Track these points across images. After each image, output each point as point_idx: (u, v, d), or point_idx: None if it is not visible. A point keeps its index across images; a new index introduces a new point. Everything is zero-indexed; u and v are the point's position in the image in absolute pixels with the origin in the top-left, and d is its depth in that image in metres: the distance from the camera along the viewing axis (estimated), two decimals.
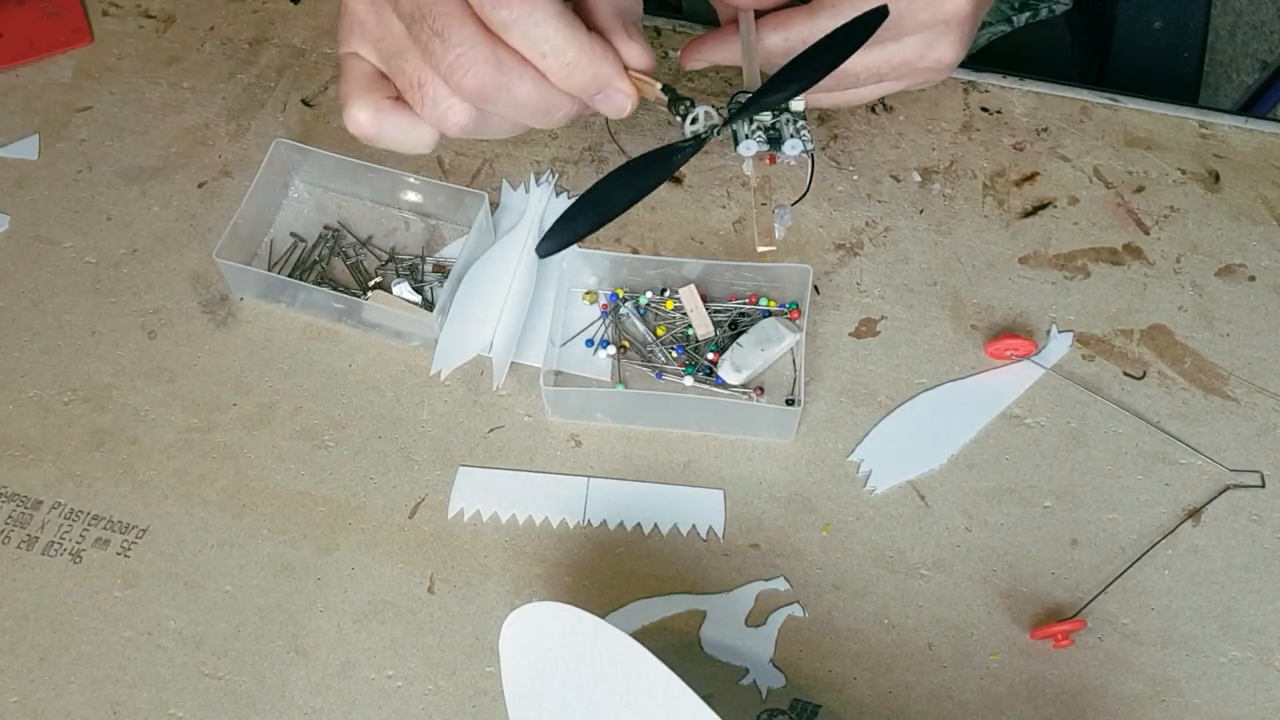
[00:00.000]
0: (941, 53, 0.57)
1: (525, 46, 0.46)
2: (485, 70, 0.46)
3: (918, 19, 0.55)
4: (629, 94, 0.49)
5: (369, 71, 0.51)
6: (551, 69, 0.47)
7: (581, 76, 0.47)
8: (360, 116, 0.50)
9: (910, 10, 0.55)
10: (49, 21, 0.71)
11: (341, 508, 0.58)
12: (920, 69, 0.58)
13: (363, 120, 0.50)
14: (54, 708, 0.54)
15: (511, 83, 0.47)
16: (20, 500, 0.58)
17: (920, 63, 0.57)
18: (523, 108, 0.48)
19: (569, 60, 0.46)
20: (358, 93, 0.50)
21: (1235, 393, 0.61)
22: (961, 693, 0.54)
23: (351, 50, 0.51)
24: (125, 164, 0.67)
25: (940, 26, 0.56)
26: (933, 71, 0.59)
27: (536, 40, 0.46)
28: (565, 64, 0.46)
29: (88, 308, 0.63)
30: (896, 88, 0.60)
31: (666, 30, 0.71)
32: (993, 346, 0.61)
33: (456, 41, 0.46)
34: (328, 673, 0.54)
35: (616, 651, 0.48)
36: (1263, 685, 0.54)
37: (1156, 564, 0.57)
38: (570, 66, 0.47)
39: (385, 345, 0.62)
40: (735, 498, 0.58)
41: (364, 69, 0.51)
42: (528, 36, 0.46)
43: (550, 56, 0.46)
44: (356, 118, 0.50)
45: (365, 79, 0.51)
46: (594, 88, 0.48)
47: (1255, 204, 0.66)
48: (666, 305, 0.62)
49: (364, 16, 0.50)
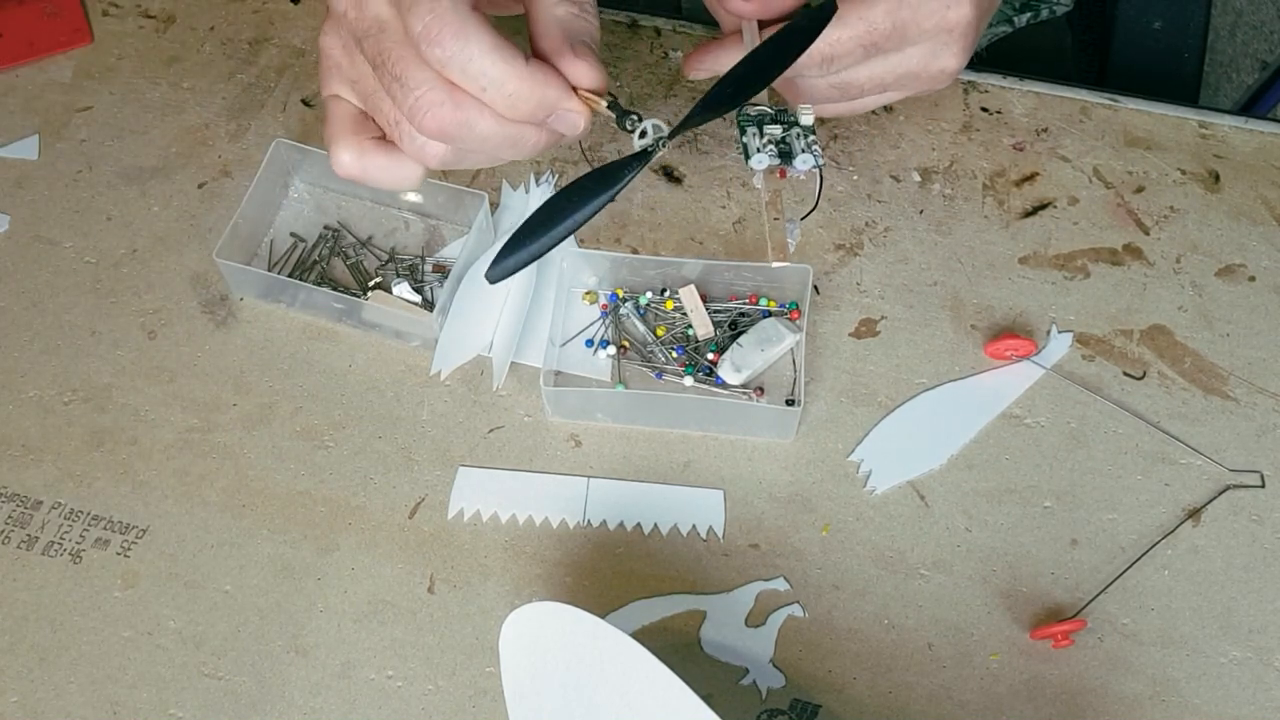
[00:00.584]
0: (945, 62, 0.57)
1: (465, 82, 0.46)
2: (444, 112, 0.47)
3: (921, 28, 0.55)
4: (580, 111, 0.48)
5: (352, 113, 0.51)
6: (495, 101, 0.47)
7: (526, 105, 0.47)
8: (344, 159, 0.51)
9: (914, 19, 0.55)
10: (49, 21, 0.71)
11: (341, 508, 0.58)
12: (924, 78, 0.58)
13: (346, 162, 0.51)
14: (54, 708, 0.54)
15: (471, 120, 0.47)
16: (20, 500, 0.58)
17: (924, 72, 0.57)
18: (489, 141, 0.48)
19: (510, 92, 0.46)
20: (341, 135, 0.51)
21: (1235, 393, 0.61)
22: (961, 693, 0.54)
23: (333, 93, 0.52)
24: (125, 164, 0.67)
25: (944, 36, 0.56)
26: (936, 80, 0.59)
27: (475, 75, 0.46)
28: (507, 95, 0.46)
29: (88, 308, 0.63)
30: (900, 97, 0.60)
31: (666, 30, 0.71)
32: (993, 346, 0.61)
33: (414, 84, 0.46)
34: (328, 673, 0.54)
35: (616, 651, 0.48)
36: (1263, 685, 0.54)
37: (1156, 564, 0.57)
38: (513, 98, 0.46)
39: (385, 345, 0.62)
40: (735, 498, 0.58)
41: (346, 110, 0.52)
42: (465, 73, 0.46)
43: (490, 90, 0.46)
44: (341, 159, 0.51)
45: (348, 121, 0.51)
46: (541, 113, 0.48)
47: (1255, 204, 0.66)
48: (666, 305, 0.62)
49: (340, 59, 0.51)
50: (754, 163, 0.50)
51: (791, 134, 0.51)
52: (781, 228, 0.49)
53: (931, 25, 0.55)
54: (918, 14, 0.55)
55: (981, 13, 0.57)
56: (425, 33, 0.45)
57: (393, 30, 0.47)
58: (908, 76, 0.58)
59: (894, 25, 0.54)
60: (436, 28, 0.45)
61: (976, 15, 0.56)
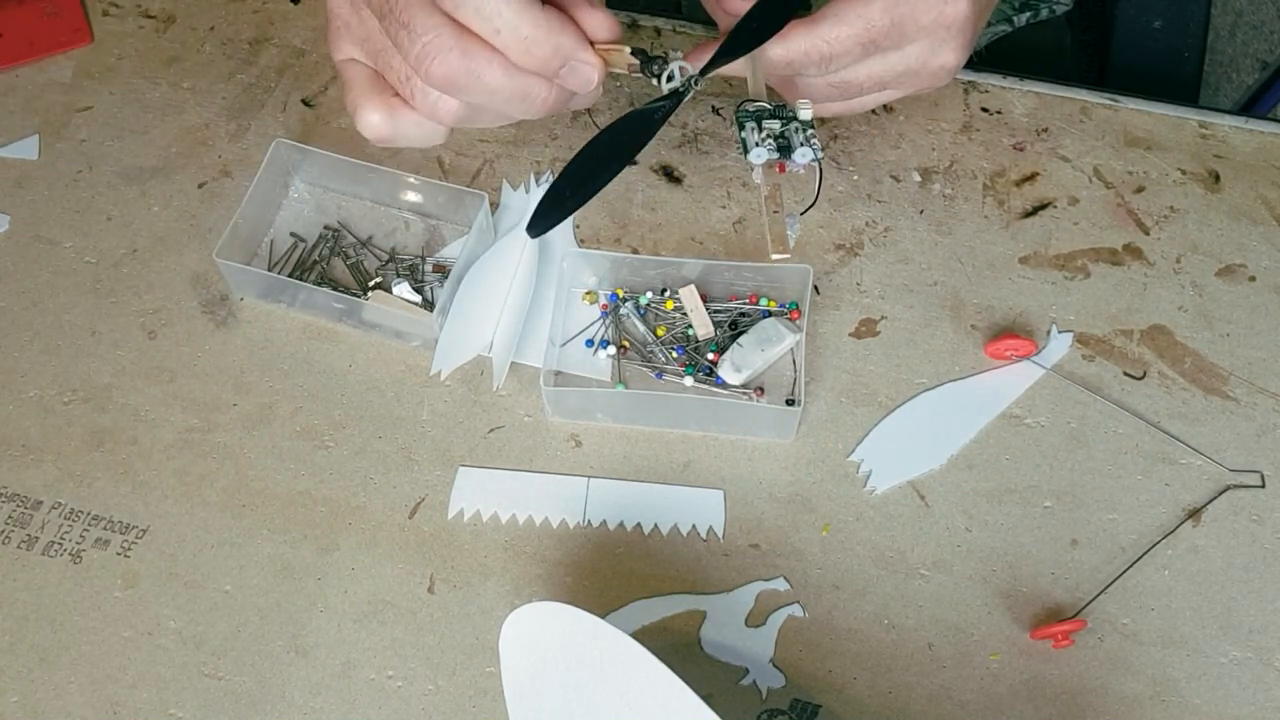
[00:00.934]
0: (944, 59, 0.57)
1: (479, 24, 0.45)
2: (452, 59, 0.46)
3: (919, 24, 0.55)
4: (594, 64, 0.47)
5: (369, 74, 0.51)
6: (508, 46, 0.46)
7: (540, 51, 0.46)
8: (374, 119, 0.50)
9: (912, 15, 0.55)
10: (49, 21, 0.71)
11: (341, 508, 0.58)
12: (923, 75, 0.58)
13: (377, 123, 0.50)
14: (54, 708, 0.54)
15: (479, 69, 0.46)
16: (20, 500, 0.58)
17: (923, 69, 0.57)
18: (497, 94, 0.47)
19: (524, 35, 0.45)
20: (365, 97, 0.50)
21: (1235, 393, 0.61)
22: (961, 693, 0.54)
23: (346, 56, 0.51)
24: (125, 164, 0.67)
25: (942, 32, 0.56)
26: (935, 77, 0.59)
27: (489, 16, 0.45)
28: (521, 39, 0.45)
29: (88, 308, 0.63)
30: (899, 95, 0.60)
31: (666, 30, 0.71)
32: (993, 346, 0.61)
33: (422, 31, 0.46)
34: (328, 673, 0.54)
35: (616, 651, 0.48)
36: (1263, 685, 0.54)
37: (1156, 564, 0.57)
38: (527, 41, 0.46)
39: (385, 345, 0.62)
40: (735, 498, 0.58)
41: (363, 73, 0.51)
42: (480, 13, 0.45)
43: (504, 33, 0.45)
44: (370, 121, 0.50)
45: (368, 82, 0.50)
46: (556, 61, 0.47)
47: (1255, 204, 0.66)
48: (666, 305, 0.62)
49: (348, 18, 0.50)
50: (753, 157, 0.50)
51: (790, 129, 0.51)
52: (781, 221, 0.49)
53: (929, 21, 0.55)
54: (915, 10, 0.55)
55: (980, 9, 0.57)
56: None
57: None
58: (907, 74, 0.58)
59: (892, 22, 0.54)
60: None
61: (975, 11, 0.56)
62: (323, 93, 0.69)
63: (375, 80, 0.50)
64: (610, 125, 0.47)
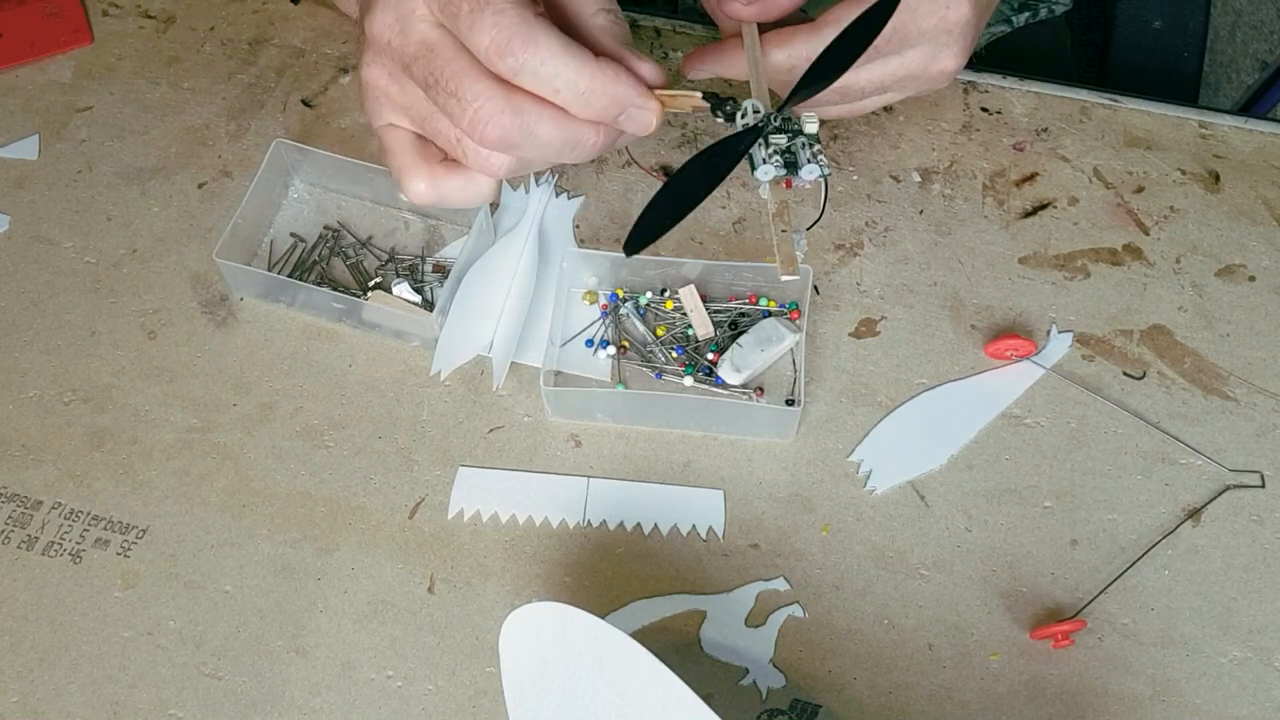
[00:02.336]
0: (945, 63, 0.57)
1: (538, 86, 0.46)
2: (505, 120, 0.47)
3: (920, 29, 0.55)
4: (653, 109, 0.49)
5: (411, 139, 0.51)
6: (569, 102, 0.47)
7: (600, 101, 0.47)
8: (420, 188, 0.51)
9: (913, 20, 0.55)
10: (49, 21, 0.71)
11: (341, 508, 0.58)
12: (924, 79, 0.58)
13: (422, 190, 0.51)
14: (54, 708, 0.54)
15: (532, 125, 0.47)
16: (20, 500, 0.58)
17: (924, 73, 0.57)
18: (549, 146, 0.48)
19: (583, 90, 0.47)
20: (409, 164, 0.51)
21: (1235, 393, 0.61)
22: (961, 693, 0.54)
23: (386, 122, 0.52)
24: (125, 164, 0.67)
25: (943, 36, 0.56)
26: (935, 81, 0.59)
27: (548, 78, 0.46)
28: (580, 94, 0.47)
29: (88, 308, 0.63)
30: (900, 97, 0.60)
31: (666, 30, 0.71)
32: (993, 346, 0.61)
33: (471, 97, 0.47)
34: (328, 673, 0.54)
35: (616, 651, 0.48)
36: (1263, 685, 0.54)
37: (1156, 564, 0.57)
38: (586, 95, 0.47)
39: (385, 345, 0.62)
40: (735, 498, 0.58)
41: (405, 138, 0.51)
42: (538, 76, 0.46)
43: (565, 90, 0.46)
44: (416, 189, 0.51)
45: (411, 148, 0.51)
46: (615, 109, 0.48)
47: (1255, 204, 0.66)
48: (666, 305, 0.62)
49: (387, 88, 0.51)
50: (760, 174, 0.50)
51: (797, 143, 0.51)
52: (789, 240, 0.49)
53: (931, 26, 0.55)
54: (917, 15, 0.55)
55: (980, 12, 0.57)
56: (494, 46, 0.45)
57: (442, 49, 0.47)
58: (908, 78, 0.58)
59: (893, 28, 0.54)
60: (505, 38, 0.45)
61: (975, 15, 0.56)
62: (323, 93, 0.69)
63: (417, 145, 0.51)
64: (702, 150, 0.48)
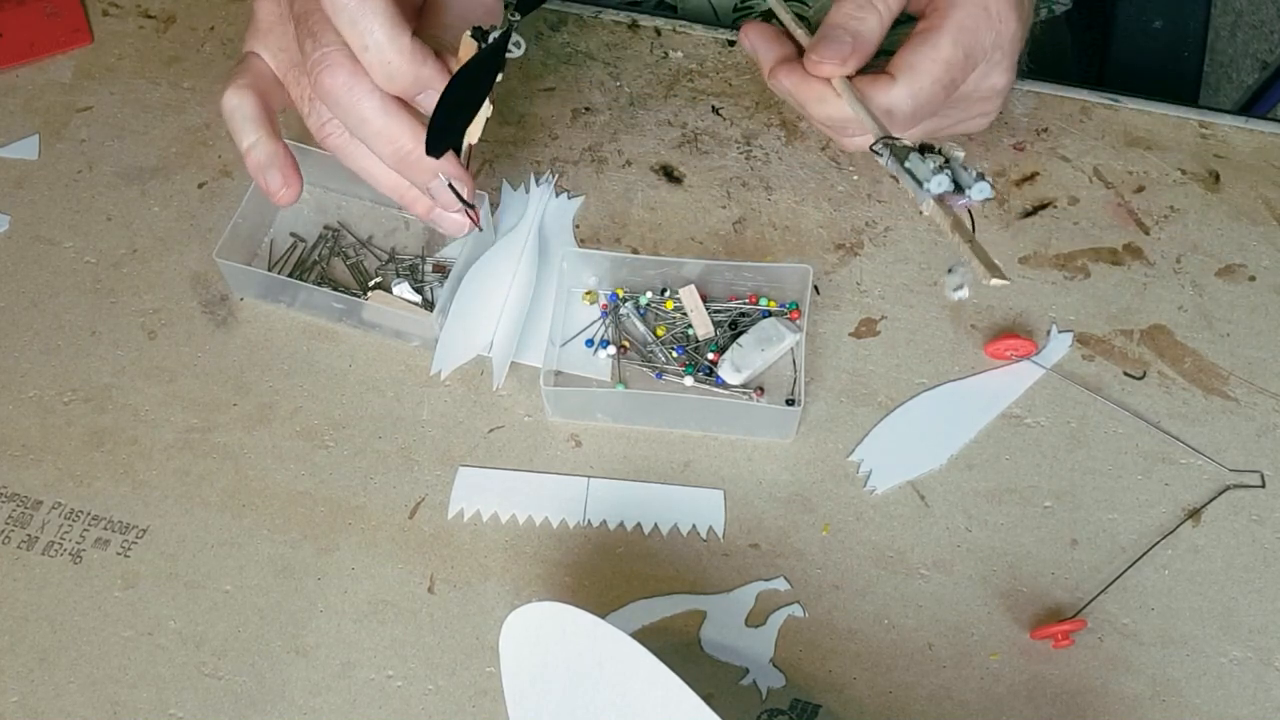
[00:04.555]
0: (995, 79, 0.57)
1: (351, 33, 0.49)
2: (340, 73, 0.49)
3: (983, 46, 0.55)
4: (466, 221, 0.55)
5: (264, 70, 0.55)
6: (373, 65, 0.49)
7: (402, 79, 0.50)
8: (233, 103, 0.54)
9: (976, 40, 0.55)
10: (49, 21, 0.71)
11: (341, 508, 0.58)
12: (974, 99, 0.58)
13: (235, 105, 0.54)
14: (54, 708, 0.54)
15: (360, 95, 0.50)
16: (20, 500, 0.58)
17: (975, 93, 0.57)
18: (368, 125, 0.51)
19: (389, 60, 0.49)
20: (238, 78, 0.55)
21: (1235, 393, 0.61)
22: (961, 693, 0.54)
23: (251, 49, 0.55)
24: (125, 164, 0.67)
25: (996, 53, 0.56)
26: (985, 101, 0.59)
27: (361, 31, 0.48)
28: (385, 62, 0.49)
29: (88, 308, 0.63)
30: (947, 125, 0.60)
31: (666, 30, 0.71)
32: (993, 346, 0.61)
33: (325, 41, 0.50)
34: (328, 673, 0.54)
35: (616, 651, 0.48)
36: (1263, 685, 0.54)
37: (1156, 564, 0.57)
38: (390, 66, 0.49)
39: (385, 345, 0.62)
40: (735, 498, 0.58)
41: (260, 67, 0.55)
42: (355, 25, 0.48)
43: (372, 50, 0.49)
44: (231, 103, 0.54)
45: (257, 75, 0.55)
46: (415, 89, 0.50)
47: (1255, 204, 0.66)
48: (666, 305, 0.62)
49: (272, 25, 0.55)
50: (932, 186, 0.47)
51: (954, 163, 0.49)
52: (982, 247, 0.46)
53: (990, 43, 0.55)
54: (977, 35, 0.55)
55: (1024, 27, 0.57)
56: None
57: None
58: (959, 98, 0.57)
59: (965, 52, 0.55)
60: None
61: (1021, 29, 0.56)
62: None
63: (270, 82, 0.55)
64: (464, 65, 0.50)
